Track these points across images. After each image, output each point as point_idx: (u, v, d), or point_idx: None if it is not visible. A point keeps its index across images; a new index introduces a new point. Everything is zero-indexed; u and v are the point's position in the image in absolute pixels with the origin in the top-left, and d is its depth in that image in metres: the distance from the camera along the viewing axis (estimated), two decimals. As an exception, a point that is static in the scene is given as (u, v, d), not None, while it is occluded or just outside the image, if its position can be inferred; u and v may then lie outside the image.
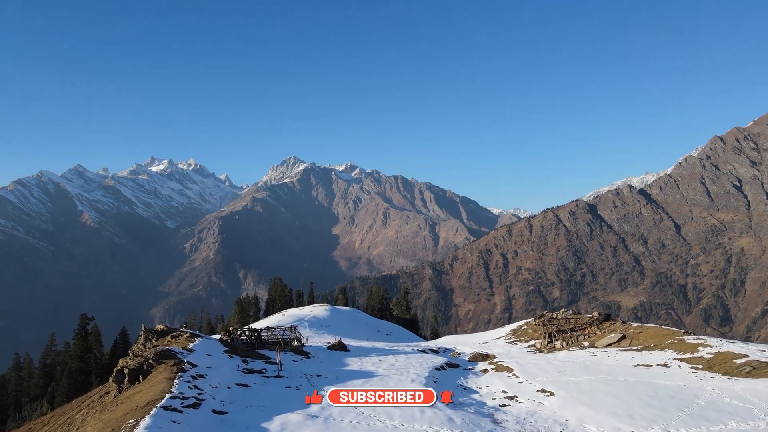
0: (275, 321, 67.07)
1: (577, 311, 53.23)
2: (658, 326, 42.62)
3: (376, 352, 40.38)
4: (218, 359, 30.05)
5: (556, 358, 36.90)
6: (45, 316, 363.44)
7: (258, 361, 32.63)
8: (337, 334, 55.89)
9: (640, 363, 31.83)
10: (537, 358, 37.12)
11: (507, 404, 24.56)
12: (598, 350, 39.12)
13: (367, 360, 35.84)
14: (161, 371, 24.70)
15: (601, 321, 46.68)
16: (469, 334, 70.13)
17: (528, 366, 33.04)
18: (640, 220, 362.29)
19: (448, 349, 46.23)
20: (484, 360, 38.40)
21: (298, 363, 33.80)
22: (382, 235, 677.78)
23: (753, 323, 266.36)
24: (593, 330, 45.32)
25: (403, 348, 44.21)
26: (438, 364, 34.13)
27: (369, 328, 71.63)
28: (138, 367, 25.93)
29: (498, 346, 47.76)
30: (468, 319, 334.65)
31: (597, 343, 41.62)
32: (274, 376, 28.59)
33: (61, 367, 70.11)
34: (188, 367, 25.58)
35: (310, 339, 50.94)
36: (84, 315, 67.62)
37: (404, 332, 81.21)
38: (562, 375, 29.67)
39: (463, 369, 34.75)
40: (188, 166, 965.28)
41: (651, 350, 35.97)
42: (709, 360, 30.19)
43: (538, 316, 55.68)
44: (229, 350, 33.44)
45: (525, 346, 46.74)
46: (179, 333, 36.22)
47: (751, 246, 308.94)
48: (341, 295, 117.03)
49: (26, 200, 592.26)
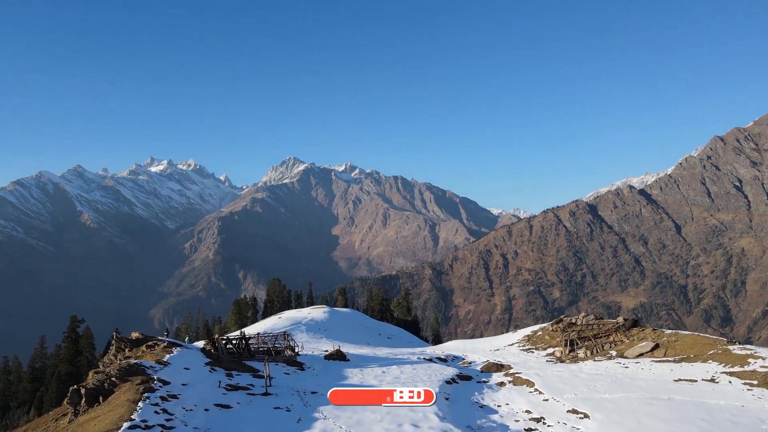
0: (271, 324, 64.26)
1: (599, 316, 49.41)
2: (695, 334, 38.60)
3: (378, 361, 37.92)
4: (197, 374, 27.05)
5: (581, 369, 33.35)
6: (44, 317, 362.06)
7: (245, 374, 29.64)
8: (335, 339, 54.00)
9: (681, 377, 28.42)
10: (559, 370, 33.89)
11: (534, 429, 21.56)
12: (628, 361, 35.29)
13: (369, 372, 33.15)
14: (124, 391, 21.46)
15: (628, 327, 42.98)
16: (477, 339, 65.47)
17: (551, 379, 30.00)
18: (640, 221, 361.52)
19: (457, 357, 43.55)
20: (498, 371, 35.47)
21: (290, 376, 30.80)
22: (382, 236, 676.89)
23: (754, 324, 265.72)
24: (619, 337, 41.72)
25: (407, 356, 41.64)
26: (448, 377, 31.61)
27: (369, 332, 69.82)
28: (98, 386, 22.31)
29: (512, 355, 44.45)
30: (468, 319, 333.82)
31: (626, 352, 37.69)
32: (262, 393, 25.55)
33: (51, 371, 68.18)
34: (158, 386, 22.48)
35: (308, 344, 48.65)
36: (74, 317, 65.59)
37: (406, 335, 79.41)
38: (593, 391, 26.49)
39: (477, 382, 31.98)
40: (188, 167, 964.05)
41: (691, 362, 32.16)
42: (765, 375, 26.57)
43: (556, 321, 51.87)
44: (212, 362, 30.30)
45: (543, 355, 43.19)
46: (156, 342, 32.67)
47: (751, 246, 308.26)
48: (341, 296, 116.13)
49: (25, 200, 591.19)
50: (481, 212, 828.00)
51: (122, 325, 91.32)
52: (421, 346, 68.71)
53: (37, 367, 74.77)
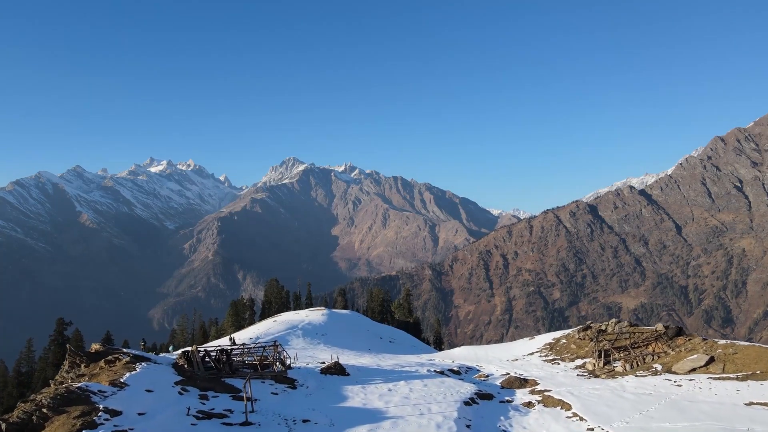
0: (265, 329, 60.42)
1: (634, 323, 43.62)
2: (759, 345, 32.82)
3: (383, 375, 33.15)
4: (162, 397, 22.43)
5: (623, 387, 28.65)
6: (43, 318, 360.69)
7: (223, 396, 24.66)
8: (334, 345, 51.46)
9: (753, 400, 23.53)
10: (596, 387, 29.24)
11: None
12: (679, 377, 29.94)
13: (373, 389, 28.86)
14: (56, 428, 17.27)
15: (671, 336, 37.21)
16: (489, 346, 58.77)
17: (590, 400, 25.53)
18: (640, 221, 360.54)
19: (471, 368, 39.07)
20: (522, 386, 31.20)
21: (279, 397, 26.04)
22: (382, 236, 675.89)
23: (755, 324, 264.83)
24: (661, 347, 36.37)
25: (415, 368, 37.35)
26: (466, 396, 27.71)
27: (370, 335, 67.31)
28: (24, 420, 17.70)
29: (534, 366, 39.42)
30: (468, 320, 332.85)
31: (674, 366, 32.27)
32: (241, 423, 20.98)
33: (38, 375, 66.16)
34: (103, 419, 18.07)
35: (303, 351, 45.47)
36: (60, 319, 63.49)
37: (408, 338, 77.28)
38: (648, 418, 21.91)
39: (500, 402, 28.05)
40: (187, 167, 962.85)
41: (759, 380, 27.05)
42: None
43: (583, 327, 46.05)
44: (184, 380, 25.67)
45: (571, 368, 37.84)
46: (117, 357, 27.55)
47: (752, 247, 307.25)
48: (340, 297, 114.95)
49: (24, 201, 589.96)
50: (481, 213, 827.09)
51: (121, 325, 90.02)
52: (426, 351, 65.91)
53: (24, 371, 71.83)
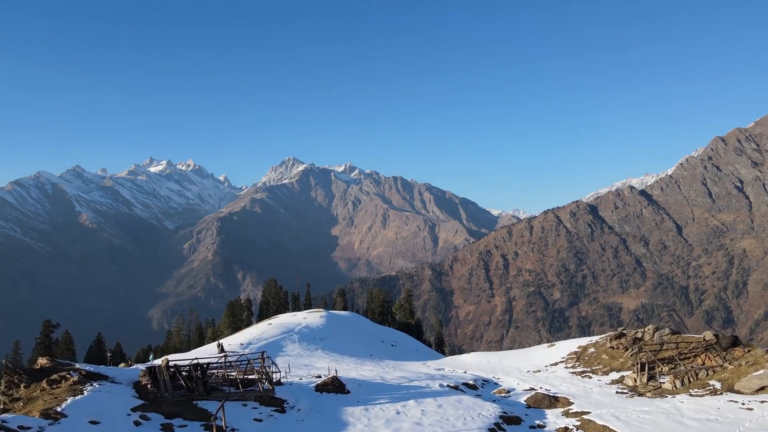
0: (259, 332, 56.72)
1: (675, 329, 38.47)
2: None
3: (389, 393, 28.43)
4: (111, 430, 17.64)
5: (679, 411, 23.60)
6: (42, 318, 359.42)
7: (192, 425, 19.66)
8: (333, 350, 49.04)
9: None
10: (645, 409, 24.26)
11: None
12: (746, 398, 24.42)
13: (378, 412, 24.31)
14: None
15: (726, 346, 31.18)
16: (503, 353, 53.18)
17: (644, 429, 21.23)
18: (641, 221, 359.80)
19: (487, 381, 34.54)
20: (553, 405, 27.06)
21: (263, 425, 21.22)
22: (382, 236, 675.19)
23: (756, 325, 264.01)
24: (713, 359, 30.69)
25: (425, 381, 32.94)
26: (490, 421, 23.16)
27: (371, 339, 65.15)
28: None
29: (562, 380, 33.98)
30: (468, 320, 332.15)
31: (737, 384, 26.44)
32: None
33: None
34: None
35: (298, 359, 41.67)
36: (47, 321, 61.80)
37: (411, 341, 75.25)
38: None
39: (530, 427, 23.54)
40: (187, 167, 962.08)
41: None
42: None
43: (616, 335, 40.13)
44: (146, 405, 20.93)
45: (607, 382, 32.19)
46: (66, 373, 22.33)
47: (753, 247, 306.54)
48: (340, 298, 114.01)
49: (24, 201, 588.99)
50: (480, 213, 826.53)
51: (121, 325, 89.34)
52: (431, 356, 63.08)
53: None
